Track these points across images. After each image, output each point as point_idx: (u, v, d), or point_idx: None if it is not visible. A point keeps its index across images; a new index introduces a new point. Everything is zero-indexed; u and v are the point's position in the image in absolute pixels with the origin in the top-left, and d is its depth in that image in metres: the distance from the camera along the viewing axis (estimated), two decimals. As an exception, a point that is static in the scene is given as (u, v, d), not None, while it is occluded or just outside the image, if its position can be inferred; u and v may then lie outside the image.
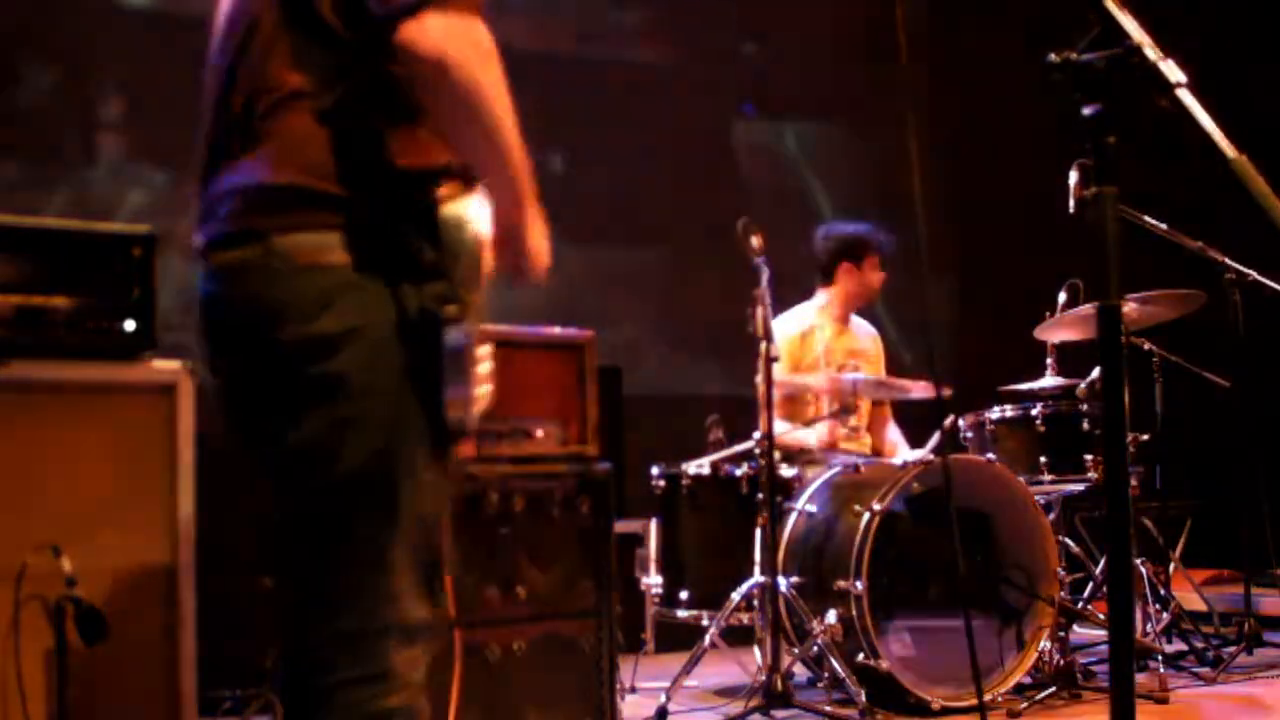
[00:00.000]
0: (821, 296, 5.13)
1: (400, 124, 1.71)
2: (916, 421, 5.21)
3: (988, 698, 4.15)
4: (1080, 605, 4.57)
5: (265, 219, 1.69)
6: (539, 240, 1.85)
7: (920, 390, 4.70)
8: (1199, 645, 4.87)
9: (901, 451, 5.12)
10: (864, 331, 5.23)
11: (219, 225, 1.74)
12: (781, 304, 4.80)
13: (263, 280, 1.68)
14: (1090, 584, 4.82)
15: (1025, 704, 4.11)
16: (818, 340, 5.04)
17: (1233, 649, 4.83)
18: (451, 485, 1.80)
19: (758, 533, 4.21)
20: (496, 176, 1.75)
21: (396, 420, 1.69)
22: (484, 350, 1.75)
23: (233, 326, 1.74)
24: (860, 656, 4.10)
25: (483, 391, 1.74)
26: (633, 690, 4.33)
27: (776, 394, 4.30)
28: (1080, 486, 4.58)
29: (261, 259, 1.68)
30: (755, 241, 4.16)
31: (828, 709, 4.05)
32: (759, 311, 4.14)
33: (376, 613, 1.71)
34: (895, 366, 5.35)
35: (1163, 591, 4.91)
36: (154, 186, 4.94)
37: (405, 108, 1.69)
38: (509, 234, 1.80)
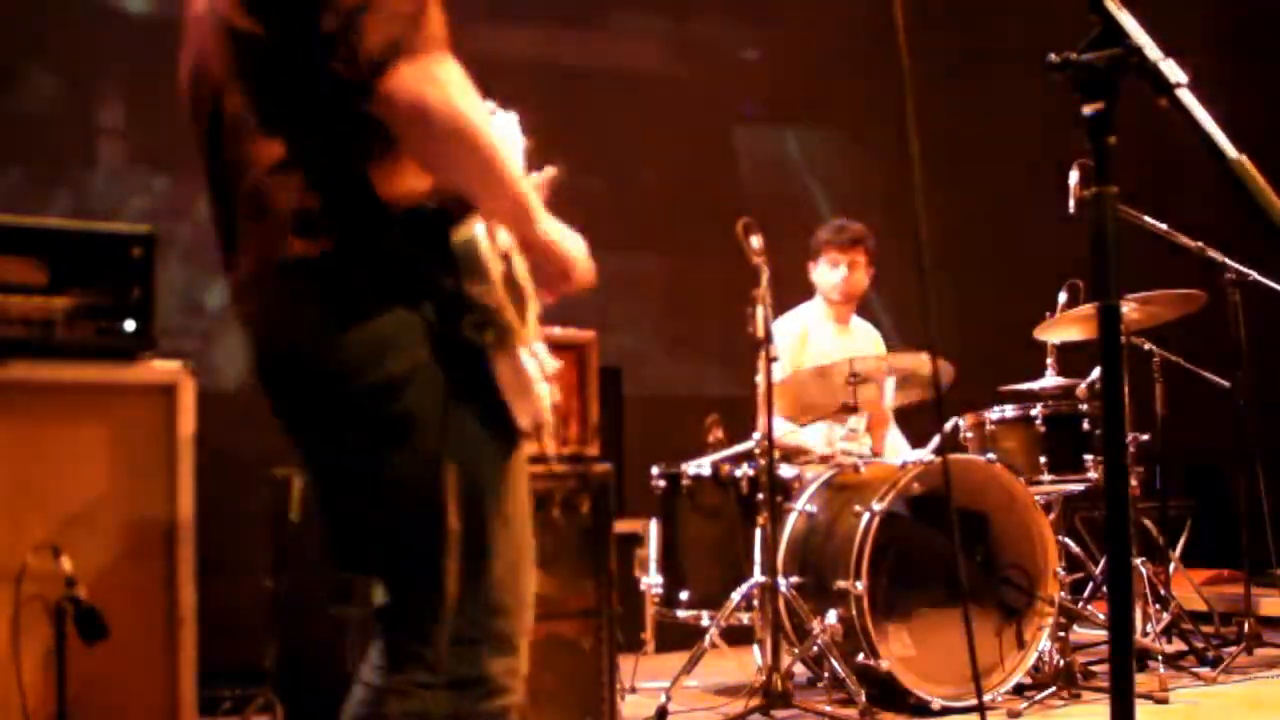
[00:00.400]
0: (815, 299, 5.14)
1: (381, 158, 1.71)
2: (916, 422, 5.21)
3: (988, 698, 4.15)
4: (1080, 605, 4.57)
5: (302, 285, 1.72)
6: (573, 245, 1.86)
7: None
8: (1199, 645, 4.87)
9: (902, 453, 5.12)
10: (864, 333, 5.22)
11: (258, 301, 1.78)
12: (783, 307, 4.80)
13: (318, 343, 1.72)
14: (1090, 584, 4.82)
15: (1025, 704, 4.11)
16: (816, 341, 5.04)
17: (1233, 649, 4.83)
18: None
19: (758, 533, 4.21)
20: (503, 202, 1.75)
21: (466, 445, 1.74)
22: (533, 352, 1.78)
23: (298, 390, 1.78)
24: (860, 656, 4.10)
25: (543, 390, 1.79)
26: (633, 690, 4.33)
27: (780, 433, 4.28)
28: (1080, 486, 4.58)
29: (309, 323, 1.72)
30: (755, 242, 4.17)
31: (828, 709, 4.05)
32: (759, 312, 4.15)
33: (477, 623, 1.76)
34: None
35: (1163, 591, 4.91)
36: (155, 191, 4.94)
37: (380, 141, 1.69)
38: (538, 252, 1.81)
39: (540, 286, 1.87)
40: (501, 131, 1.91)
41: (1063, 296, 4.66)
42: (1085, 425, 4.52)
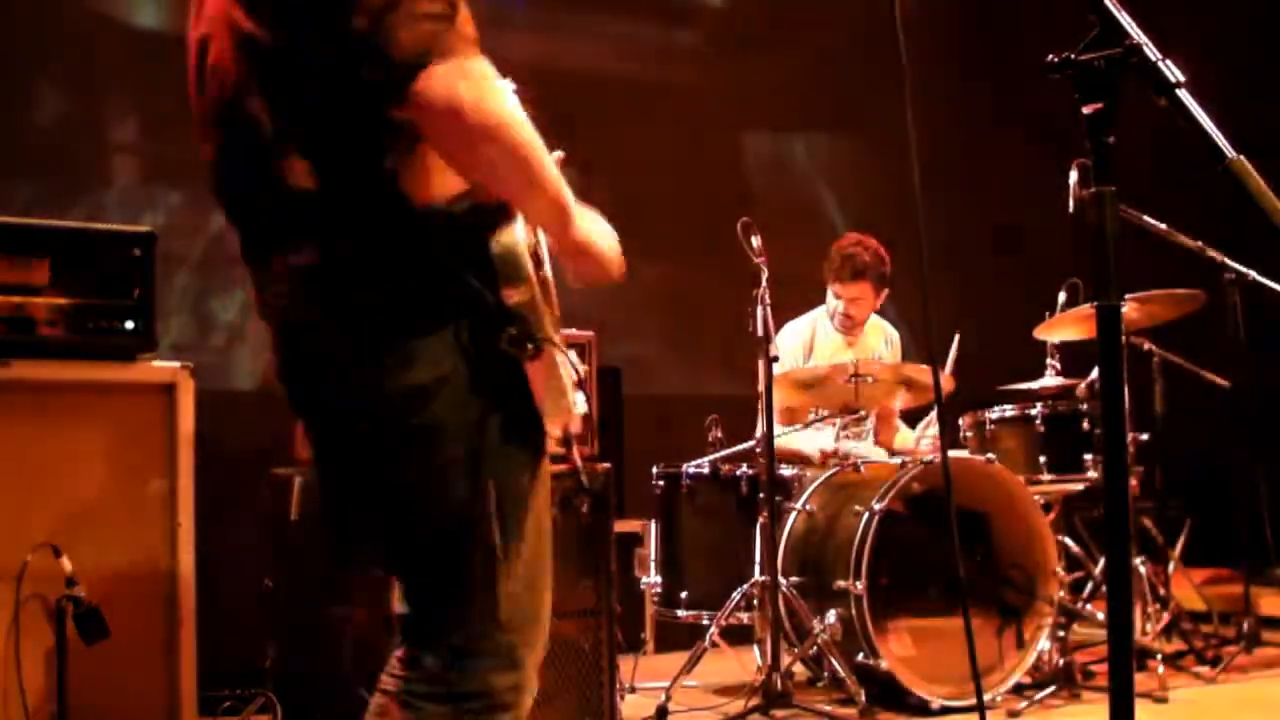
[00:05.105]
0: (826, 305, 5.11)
1: (410, 163, 1.66)
2: (916, 421, 5.21)
3: (987, 697, 4.15)
4: (1080, 605, 4.58)
5: (327, 292, 1.70)
6: (606, 239, 1.84)
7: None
8: (1199, 645, 4.87)
9: (904, 433, 5.11)
10: (878, 337, 5.15)
11: (285, 304, 1.75)
12: (785, 311, 4.79)
13: (347, 347, 1.70)
14: (1090, 584, 4.82)
15: (1025, 704, 4.11)
16: (822, 347, 5.02)
17: (1232, 649, 4.83)
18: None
19: (758, 533, 4.21)
20: (542, 203, 1.72)
21: (489, 456, 1.71)
22: (566, 359, 1.76)
23: (323, 391, 1.77)
24: (860, 656, 4.10)
25: (575, 398, 1.77)
26: (633, 690, 4.33)
27: (779, 434, 4.27)
28: (1080, 486, 4.58)
29: (339, 331, 1.70)
30: (755, 242, 4.17)
31: (828, 709, 4.05)
32: (759, 312, 4.15)
33: (486, 636, 1.74)
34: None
35: (1163, 591, 4.91)
36: (168, 207, 4.92)
37: (408, 145, 1.65)
38: (576, 250, 1.79)
39: (573, 278, 1.85)
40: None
41: (1063, 296, 4.66)
42: (1085, 425, 4.52)
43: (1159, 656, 4.34)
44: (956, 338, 4.71)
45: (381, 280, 1.68)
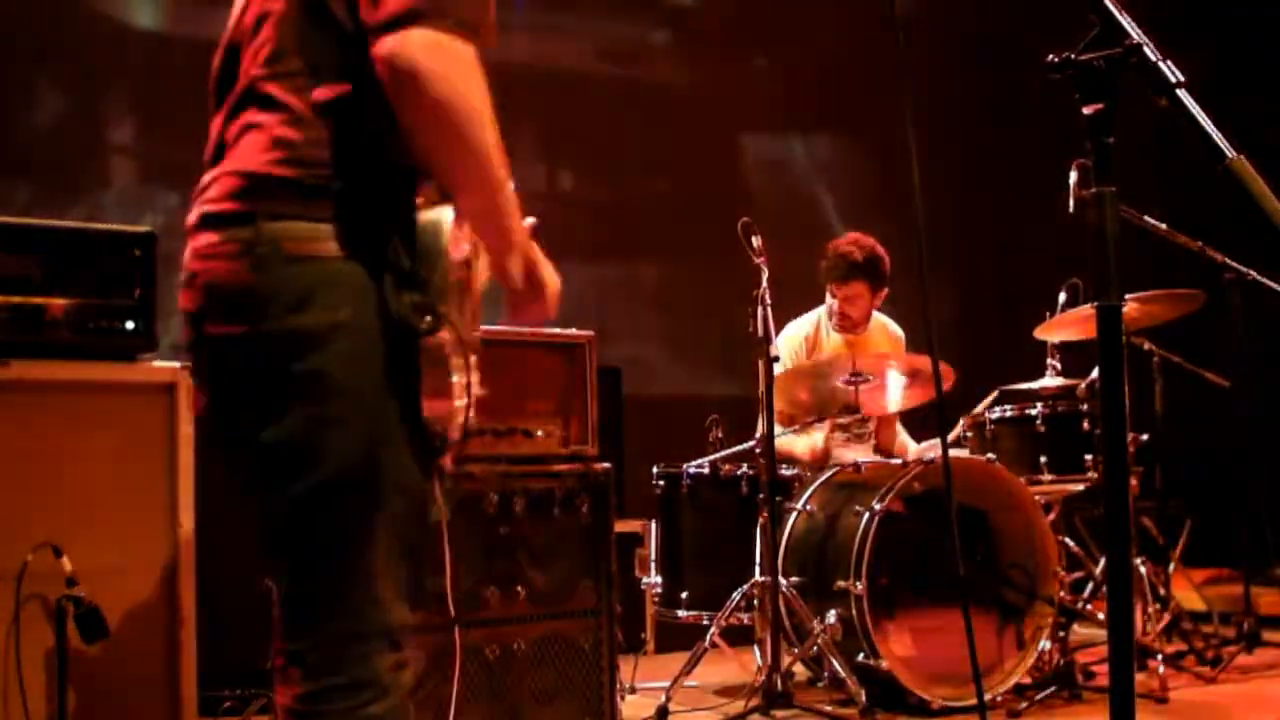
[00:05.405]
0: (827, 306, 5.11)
1: (395, 123, 1.66)
2: (918, 420, 5.21)
3: (988, 697, 4.15)
4: (1080, 605, 4.58)
5: (254, 203, 1.66)
6: (546, 272, 1.82)
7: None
8: (1199, 645, 4.87)
9: (903, 443, 5.11)
10: (882, 335, 5.13)
11: (208, 205, 1.71)
12: (784, 311, 4.78)
13: (246, 265, 1.65)
14: (1090, 584, 4.82)
15: (1025, 704, 4.11)
16: (823, 348, 5.02)
17: (1233, 649, 4.83)
18: (443, 493, 1.78)
19: (758, 533, 4.21)
20: (480, 201, 1.70)
21: (378, 424, 1.66)
22: (462, 362, 1.69)
23: (213, 311, 1.69)
24: (860, 656, 4.10)
25: (461, 404, 1.70)
26: (633, 690, 4.33)
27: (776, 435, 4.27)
28: (1080, 486, 4.58)
29: (247, 243, 1.65)
30: (755, 241, 4.17)
31: (828, 709, 4.05)
32: (759, 312, 4.15)
33: (361, 617, 1.68)
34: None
35: (1163, 591, 4.91)
36: (167, 208, 4.92)
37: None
38: (506, 266, 1.75)
39: (509, 307, 1.82)
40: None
41: (1063, 296, 4.66)
42: (1085, 425, 4.52)
43: (1159, 657, 4.33)
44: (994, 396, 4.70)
45: (311, 211, 1.65)
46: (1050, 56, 1.59)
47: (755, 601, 4.16)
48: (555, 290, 1.85)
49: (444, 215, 1.68)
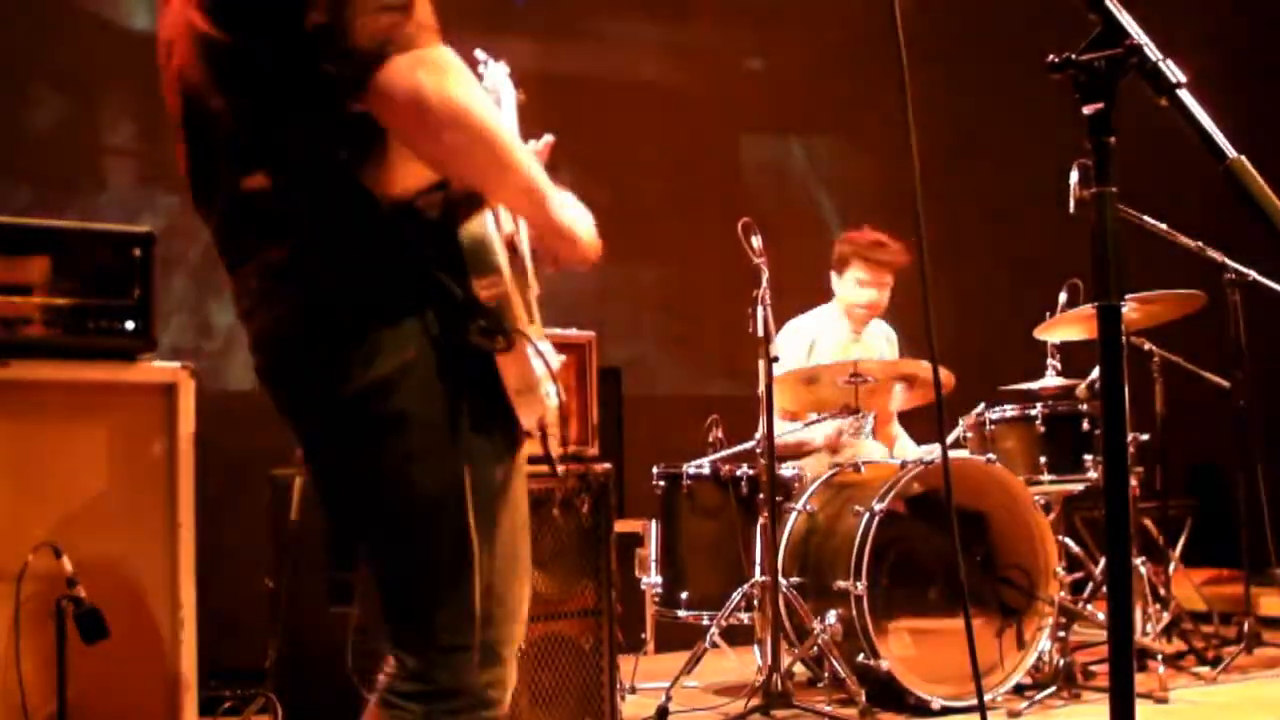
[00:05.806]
0: (832, 304, 5.10)
1: (373, 157, 1.66)
2: (918, 421, 5.21)
3: (988, 698, 4.15)
4: (1080, 605, 4.58)
5: (290, 287, 1.69)
6: (582, 223, 1.82)
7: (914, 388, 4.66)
8: (1199, 645, 4.87)
9: (902, 444, 5.11)
10: (879, 339, 5.15)
11: (256, 305, 1.74)
12: (783, 312, 4.78)
13: (312, 346, 1.69)
14: (1090, 584, 4.82)
15: (1025, 704, 4.11)
16: (825, 348, 5.01)
17: (1233, 649, 4.83)
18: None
19: (758, 533, 4.21)
20: (513, 189, 1.71)
21: (459, 446, 1.69)
22: (539, 350, 1.72)
23: (293, 391, 1.76)
24: (860, 656, 4.10)
25: (550, 390, 1.74)
26: (633, 690, 4.33)
27: (782, 433, 4.27)
28: (1080, 486, 4.58)
29: (304, 330, 1.69)
30: (755, 242, 4.17)
31: (828, 709, 4.05)
32: (759, 312, 4.15)
33: (460, 629, 1.71)
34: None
35: (1163, 591, 4.91)
36: (165, 210, 4.91)
37: (370, 139, 1.65)
38: (554, 233, 1.77)
39: (548, 262, 1.83)
40: (494, 83, 1.86)
41: (1063, 296, 4.66)
42: (1085, 425, 4.52)
43: (1159, 657, 4.33)
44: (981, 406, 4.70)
45: (345, 277, 1.66)
46: (1050, 56, 1.59)
47: (755, 601, 4.16)
48: (590, 229, 1.85)
49: (485, 227, 1.69)
